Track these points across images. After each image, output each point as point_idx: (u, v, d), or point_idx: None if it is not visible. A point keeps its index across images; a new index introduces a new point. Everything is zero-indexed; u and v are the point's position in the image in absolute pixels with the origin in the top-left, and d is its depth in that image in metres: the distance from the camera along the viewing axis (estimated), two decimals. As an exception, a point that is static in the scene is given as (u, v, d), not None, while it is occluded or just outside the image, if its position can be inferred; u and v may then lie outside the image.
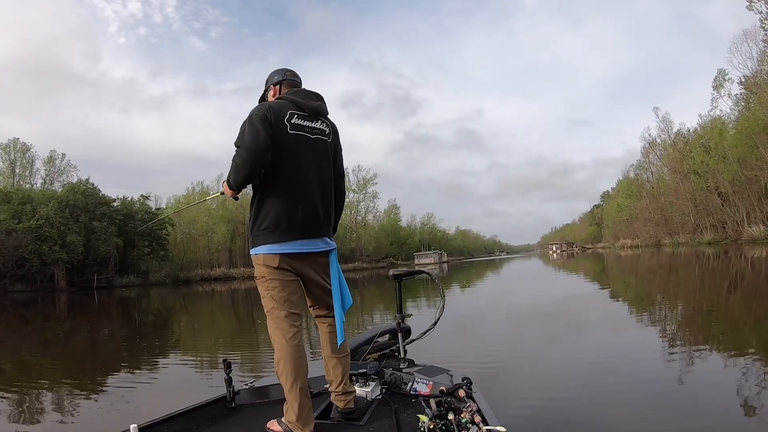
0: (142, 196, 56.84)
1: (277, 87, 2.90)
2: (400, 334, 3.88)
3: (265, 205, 2.59)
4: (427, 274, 4.20)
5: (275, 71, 2.93)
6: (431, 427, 2.26)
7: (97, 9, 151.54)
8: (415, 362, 3.57)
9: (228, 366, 2.92)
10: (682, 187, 63.05)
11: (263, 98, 3.01)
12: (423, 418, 2.34)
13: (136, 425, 2.37)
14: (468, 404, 2.55)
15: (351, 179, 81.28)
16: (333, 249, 2.76)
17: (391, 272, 3.96)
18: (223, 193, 2.74)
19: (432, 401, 2.61)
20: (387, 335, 4.09)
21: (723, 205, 56.05)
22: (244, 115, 2.61)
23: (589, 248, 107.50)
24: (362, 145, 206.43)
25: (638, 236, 76.06)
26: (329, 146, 2.81)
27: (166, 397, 5.51)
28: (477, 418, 2.30)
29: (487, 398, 2.68)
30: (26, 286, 38.80)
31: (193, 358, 8.47)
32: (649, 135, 71.79)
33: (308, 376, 2.61)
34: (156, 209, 58.19)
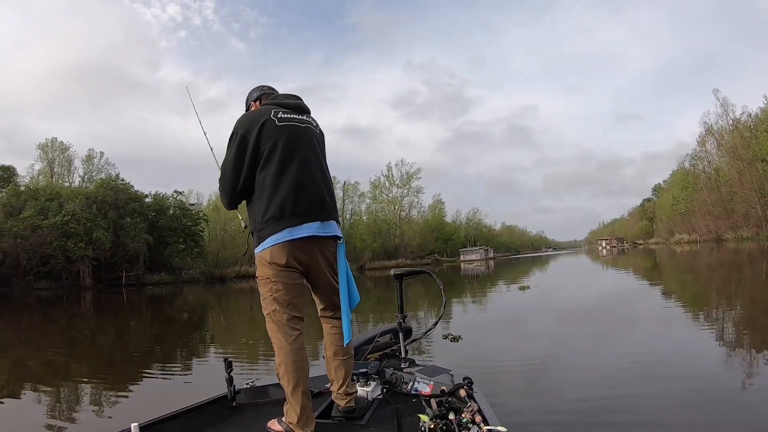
0: (175, 191, 55.40)
1: (257, 102, 2.93)
2: (401, 334, 3.83)
3: (265, 196, 2.54)
4: (428, 273, 4.13)
5: (253, 89, 3.01)
6: (432, 427, 2.24)
7: (137, 14, 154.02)
8: (416, 362, 3.56)
9: (229, 365, 2.91)
10: (747, 176, 58.90)
11: None
12: (424, 417, 2.32)
13: (136, 424, 2.34)
14: (469, 404, 2.51)
15: (394, 174, 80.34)
16: (341, 240, 2.69)
17: (392, 272, 3.98)
18: None
19: (433, 401, 2.62)
20: (388, 335, 4.03)
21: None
22: None
23: (640, 244, 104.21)
24: (412, 143, 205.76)
25: (696, 231, 72.15)
26: (320, 137, 2.85)
27: (168, 395, 5.55)
28: (478, 418, 2.28)
29: (487, 398, 2.70)
30: (51, 283, 38.35)
31: (196, 357, 8.59)
32: (706, 122, 68.07)
33: (311, 376, 2.66)
34: (190, 205, 56.33)
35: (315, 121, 2.87)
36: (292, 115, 2.69)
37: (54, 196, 43.24)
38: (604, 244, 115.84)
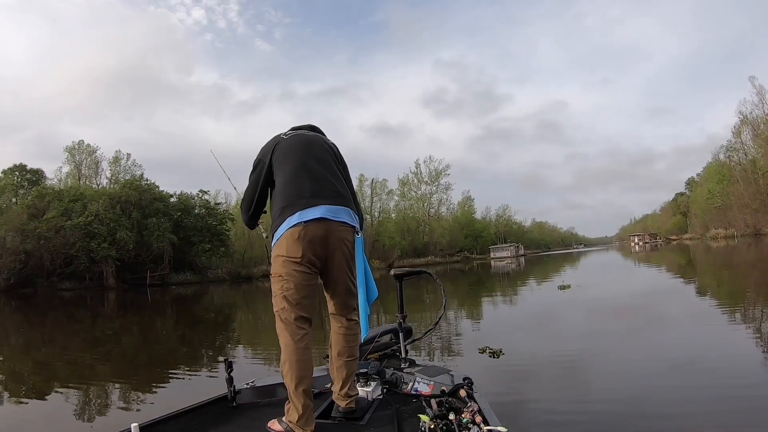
0: (200, 191, 55.11)
1: None
2: (401, 334, 3.77)
3: (278, 195, 2.64)
4: (429, 274, 4.08)
5: None
6: (432, 427, 2.23)
7: (162, 19, 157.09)
8: (416, 362, 3.52)
9: (229, 365, 2.93)
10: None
11: None
12: (424, 418, 2.32)
13: (137, 424, 2.31)
14: (469, 404, 2.51)
15: (422, 171, 79.11)
16: (360, 235, 2.72)
17: (392, 272, 4.00)
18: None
19: (433, 401, 2.63)
20: (388, 335, 3.95)
21: None
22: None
23: (673, 240, 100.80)
24: (442, 141, 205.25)
25: (732, 225, 69.26)
26: (333, 146, 2.93)
27: (168, 395, 5.60)
28: (478, 419, 2.27)
29: (487, 398, 2.69)
30: (75, 283, 38.28)
31: (200, 357, 8.51)
32: (741, 111, 65.47)
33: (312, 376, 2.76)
34: (216, 204, 56.18)
35: (326, 137, 3.00)
36: (301, 131, 2.86)
37: (78, 197, 43.51)
38: (636, 240, 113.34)
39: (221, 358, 3.54)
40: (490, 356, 6.14)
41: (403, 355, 3.74)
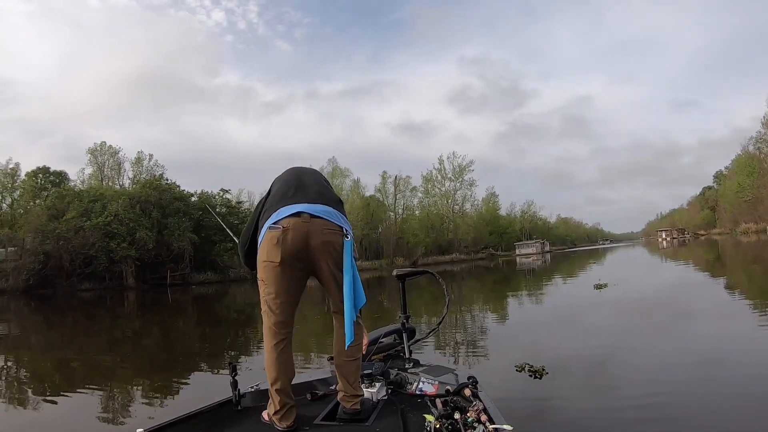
0: (222, 189, 54.99)
1: None
2: (405, 334, 3.87)
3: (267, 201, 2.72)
4: (431, 274, 4.12)
5: None
6: (437, 426, 2.23)
7: (182, 22, 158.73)
8: (421, 362, 3.61)
9: (233, 369, 2.93)
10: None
11: None
12: (429, 417, 2.32)
13: (141, 430, 2.30)
14: (474, 403, 2.54)
15: (446, 167, 77.51)
16: (349, 238, 2.62)
17: (394, 272, 4.03)
18: None
19: (438, 401, 2.65)
20: (392, 336, 3.97)
21: None
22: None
23: (701, 235, 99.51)
24: (467, 137, 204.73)
25: (764, 219, 68.00)
26: (321, 173, 3.02)
27: (177, 400, 5.57)
28: (483, 417, 2.27)
29: (491, 397, 2.68)
30: (94, 284, 37.98)
31: (220, 358, 8.32)
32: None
33: (316, 377, 3.17)
34: (237, 203, 56.17)
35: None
36: (295, 167, 2.95)
37: (97, 197, 43.35)
38: (664, 236, 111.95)
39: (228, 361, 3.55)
40: (531, 376, 5.16)
41: (407, 355, 3.77)
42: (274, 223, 2.48)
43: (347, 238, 2.58)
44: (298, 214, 2.48)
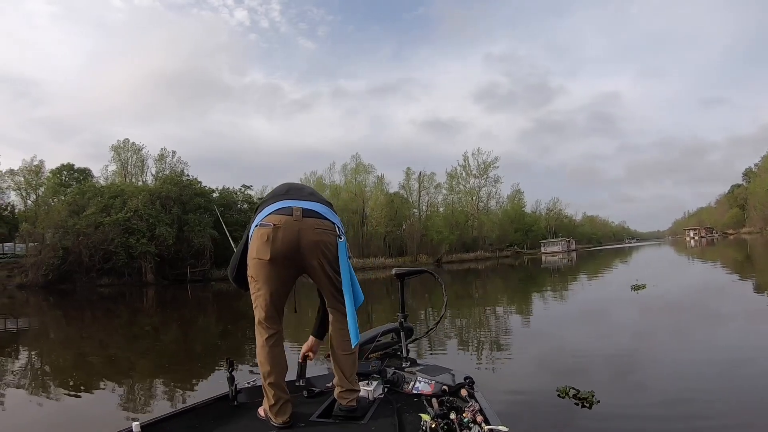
0: (243, 186, 54.98)
1: None
2: (402, 333, 3.69)
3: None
4: (431, 273, 3.97)
5: None
6: (433, 426, 2.20)
7: (205, 20, 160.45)
8: (417, 361, 3.51)
9: (231, 364, 2.89)
10: None
11: None
12: (425, 417, 2.28)
13: (138, 423, 2.32)
14: (470, 403, 2.47)
15: (470, 163, 75.66)
16: (343, 239, 2.60)
17: (393, 271, 3.87)
18: None
19: (434, 400, 2.63)
20: (389, 334, 3.91)
21: None
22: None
23: (730, 234, 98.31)
24: (494, 134, 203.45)
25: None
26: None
27: (173, 395, 5.70)
28: (479, 418, 2.24)
29: (488, 398, 2.64)
30: (113, 279, 37.75)
31: (205, 357, 8.39)
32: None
33: (313, 374, 3.14)
34: (258, 199, 55.58)
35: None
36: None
37: (118, 193, 43.23)
38: (692, 234, 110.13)
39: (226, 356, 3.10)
40: (578, 404, 4.36)
41: (405, 354, 3.65)
42: (263, 220, 2.46)
43: (341, 238, 2.57)
44: (289, 211, 2.46)
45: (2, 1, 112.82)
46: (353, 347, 2.62)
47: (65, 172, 53.42)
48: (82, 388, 6.24)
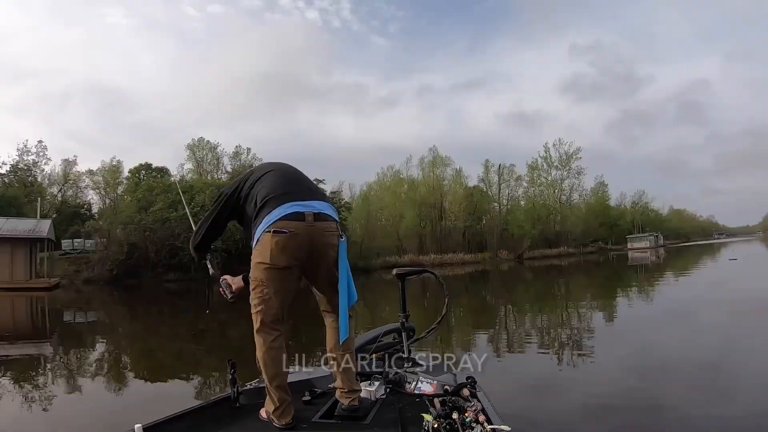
0: (316, 179, 52.78)
1: None
2: (404, 333, 3.76)
3: (257, 198, 2.61)
4: (431, 273, 4.14)
5: None
6: (435, 426, 2.22)
7: (280, 25, 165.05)
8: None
9: (232, 366, 2.94)
10: None
11: None
12: (427, 417, 2.31)
13: (140, 425, 2.29)
14: (472, 403, 2.53)
15: (551, 155, 71.13)
16: (344, 239, 2.67)
17: (394, 271, 3.95)
18: None
19: (436, 400, 2.61)
20: (391, 334, 3.96)
21: None
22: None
23: None
24: (578, 127, 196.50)
25: None
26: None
27: (175, 396, 5.73)
28: (481, 418, 2.27)
29: (490, 398, 2.65)
30: (179, 275, 37.10)
31: (206, 357, 8.68)
32: None
33: (315, 375, 3.12)
34: (331, 193, 54.74)
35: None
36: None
37: (186, 189, 43.17)
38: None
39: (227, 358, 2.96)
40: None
41: (407, 354, 3.66)
42: (275, 225, 2.43)
43: (342, 238, 2.60)
44: (301, 216, 2.47)
45: (86, 16, 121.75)
46: (345, 344, 2.60)
47: (143, 172, 54.98)
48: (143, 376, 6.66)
